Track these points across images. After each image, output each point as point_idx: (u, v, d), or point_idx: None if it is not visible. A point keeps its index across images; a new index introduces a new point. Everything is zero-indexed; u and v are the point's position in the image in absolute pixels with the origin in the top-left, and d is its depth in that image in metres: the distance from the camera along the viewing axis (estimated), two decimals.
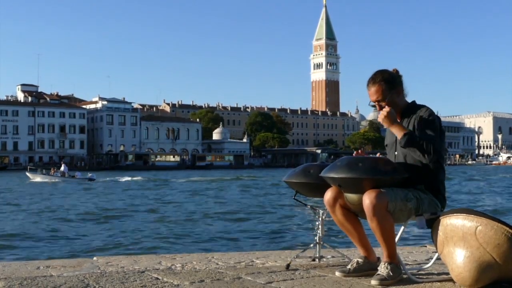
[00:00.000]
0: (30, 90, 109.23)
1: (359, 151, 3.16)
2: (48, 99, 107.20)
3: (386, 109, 2.99)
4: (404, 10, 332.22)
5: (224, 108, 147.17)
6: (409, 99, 3.18)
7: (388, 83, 3.06)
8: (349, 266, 3.14)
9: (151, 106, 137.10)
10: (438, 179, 3.04)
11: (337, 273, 3.12)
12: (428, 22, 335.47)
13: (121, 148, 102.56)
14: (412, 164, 3.00)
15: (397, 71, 3.14)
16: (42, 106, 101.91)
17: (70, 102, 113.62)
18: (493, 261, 2.66)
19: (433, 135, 2.93)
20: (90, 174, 46.48)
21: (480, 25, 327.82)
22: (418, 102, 3.16)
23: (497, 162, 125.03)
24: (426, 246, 4.54)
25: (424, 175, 2.99)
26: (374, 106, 3.12)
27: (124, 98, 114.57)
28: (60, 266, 3.47)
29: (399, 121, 3.08)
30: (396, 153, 3.10)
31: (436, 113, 3.07)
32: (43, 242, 11.44)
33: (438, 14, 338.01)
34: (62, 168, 46.75)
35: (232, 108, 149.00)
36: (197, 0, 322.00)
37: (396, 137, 3.08)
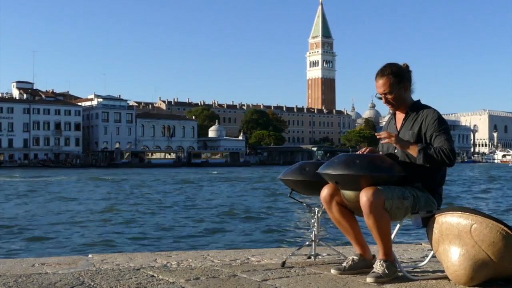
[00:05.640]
0: (25, 87, 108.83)
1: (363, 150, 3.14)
2: (43, 96, 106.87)
3: (392, 138, 2.96)
4: (400, 8, 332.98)
5: (220, 105, 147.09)
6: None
7: (396, 77, 3.04)
8: (344, 264, 3.14)
9: (147, 104, 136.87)
10: (435, 177, 3.04)
11: (333, 271, 3.12)
12: (424, 20, 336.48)
13: (117, 145, 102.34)
14: (410, 162, 2.99)
15: (407, 66, 3.12)
16: (37, 103, 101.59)
17: (66, 99, 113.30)
18: (488, 259, 2.66)
19: (446, 137, 2.92)
20: None
21: (476, 23, 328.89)
22: (415, 100, 3.16)
23: (506, 160, 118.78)
24: (421, 244, 4.55)
25: (422, 173, 2.99)
26: (380, 98, 3.10)
27: (119, 96, 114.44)
28: (55, 264, 3.46)
29: (404, 117, 3.10)
30: (395, 151, 3.10)
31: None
32: None
33: (435, 12, 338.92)
34: None
35: (228, 106, 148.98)
36: None
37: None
